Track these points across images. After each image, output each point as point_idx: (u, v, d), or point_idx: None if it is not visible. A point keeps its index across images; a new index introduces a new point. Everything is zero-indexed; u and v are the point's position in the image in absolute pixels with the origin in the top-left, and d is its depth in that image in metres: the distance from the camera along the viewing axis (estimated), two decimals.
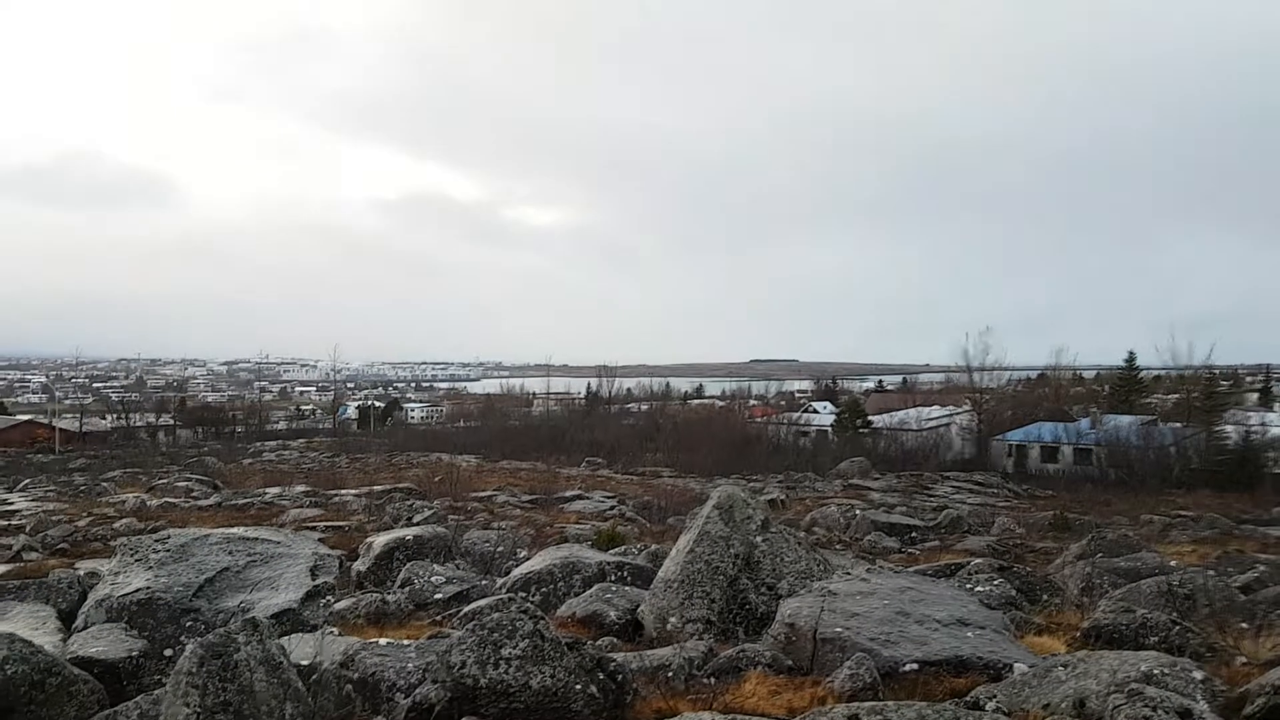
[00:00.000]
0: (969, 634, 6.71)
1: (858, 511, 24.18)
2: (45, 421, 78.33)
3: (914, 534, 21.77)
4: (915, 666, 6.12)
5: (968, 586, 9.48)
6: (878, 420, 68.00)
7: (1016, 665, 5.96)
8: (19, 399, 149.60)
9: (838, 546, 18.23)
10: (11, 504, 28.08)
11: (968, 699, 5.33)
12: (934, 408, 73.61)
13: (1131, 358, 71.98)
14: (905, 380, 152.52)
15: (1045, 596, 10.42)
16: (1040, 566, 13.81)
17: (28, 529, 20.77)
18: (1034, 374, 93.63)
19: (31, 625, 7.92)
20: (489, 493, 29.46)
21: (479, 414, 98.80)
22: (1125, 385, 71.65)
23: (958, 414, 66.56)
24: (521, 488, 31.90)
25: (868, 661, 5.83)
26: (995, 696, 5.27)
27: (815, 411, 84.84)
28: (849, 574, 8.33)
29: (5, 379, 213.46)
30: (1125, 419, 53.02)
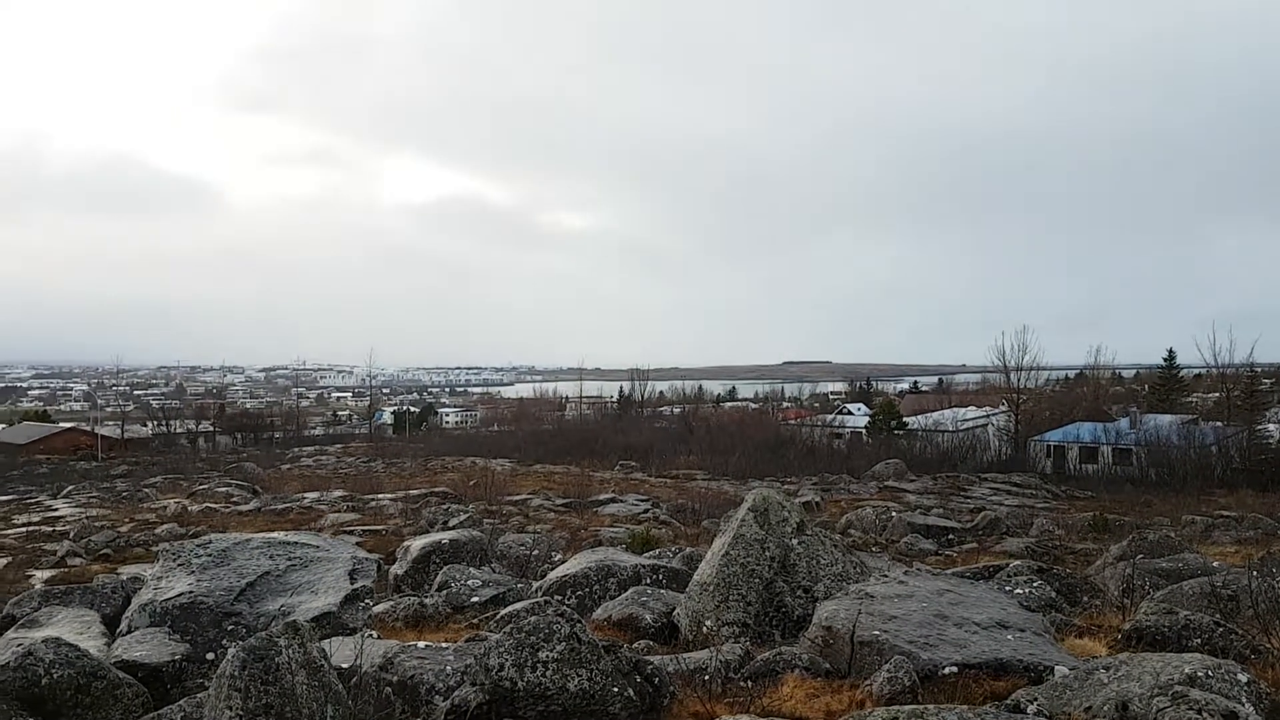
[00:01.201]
0: (1009, 636, 6.65)
1: (894, 513, 23.99)
2: (88, 429, 79.67)
3: (951, 536, 21.57)
4: (954, 669, 6.06)
5: (1007, 589, 9.37)
6: (913, 421, 67.54)
7: (1057, 668, 5.89)
8: (62, 407, 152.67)
9: (874, 549, 18.11)
10: (56, 510, 28.69)
11: (1008, 702, 5.28)
12: (970, 408, 73.03)
13: (1171, 356, 70.97)
14: (941, 381, 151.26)
15: (1085, 598, 10.28)
16: (1080, 568, 13.64)
17: (72, 535, 21.18)
18: (1072, 373, 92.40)
19: (77, 629, 8.05)
20: (523, 496, 29.60)
21: (512, 418, 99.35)
22: (1165, 384, 70.65)
23: (994, 414, 65.94)
24: (555, 491, 32.01)
25: (906, 664, 5.78)
26: (1036, 699, 5.21)
27: (849, 413, 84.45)
28: (886, 576, 8.27)
29: (48, 387, 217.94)
30: (1165, 418, 52.23)
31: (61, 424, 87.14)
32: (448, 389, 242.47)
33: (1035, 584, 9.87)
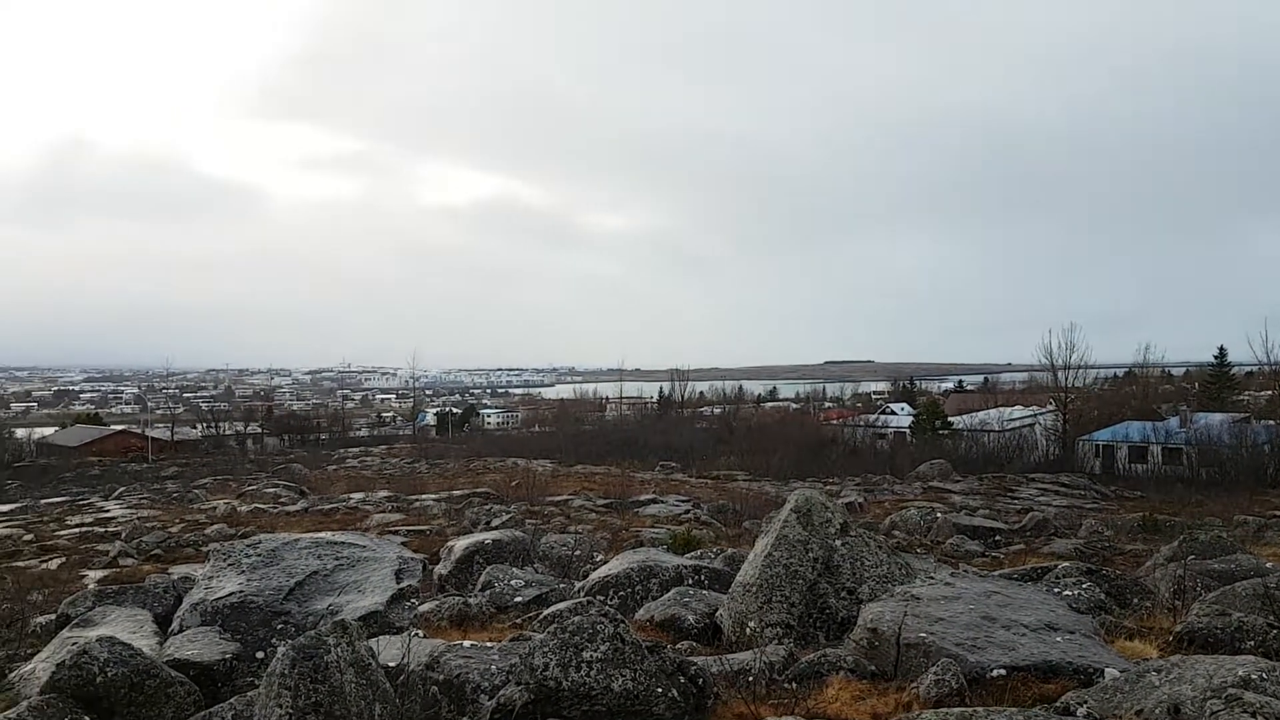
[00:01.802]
0: (1058, 639, 6.56)
1: (939, 514, 23.71)
2: (138, 431, 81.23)
3: (998, 537, 21.28)
4: (1003, 672, 6.00)
5: (1055, 590, 9.23)
6: (958, 421, 66.74)
7: (1107, 670, 5.81)
8: (113, 410, 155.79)
9: (918, 550, 17.93)
10: (108, 511, 29.27)
11: (1058, 704, 5.21)
12: (1016, 408, 72.00)
13: (1222, 353, 69.50)
14: (986, 380, 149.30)
15: (1135, 600, 10.09)
16: (1130, 569, 13.39)
17: (123, 535, 21.60)
18: (1120, 372, 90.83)
19: (130, 629, 8.21)
20: (564, 497, 29.68)
21: (553, 419, 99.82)
22: (1216, 382, 69.21)
23: (1042, 414, 64.93)
24: (596, 492, 32.06)
25: (954, 667, 5.72)
26: (1086, 702, 5.13)
27: (892, 413, 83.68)
28: (932, 578, 8.19)
29: (100, 390, 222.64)
30: (1216, 417, 51.14)
31: (113, 426, 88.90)
32: (489, 390, 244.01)
33: (1084, 586, 9.71)
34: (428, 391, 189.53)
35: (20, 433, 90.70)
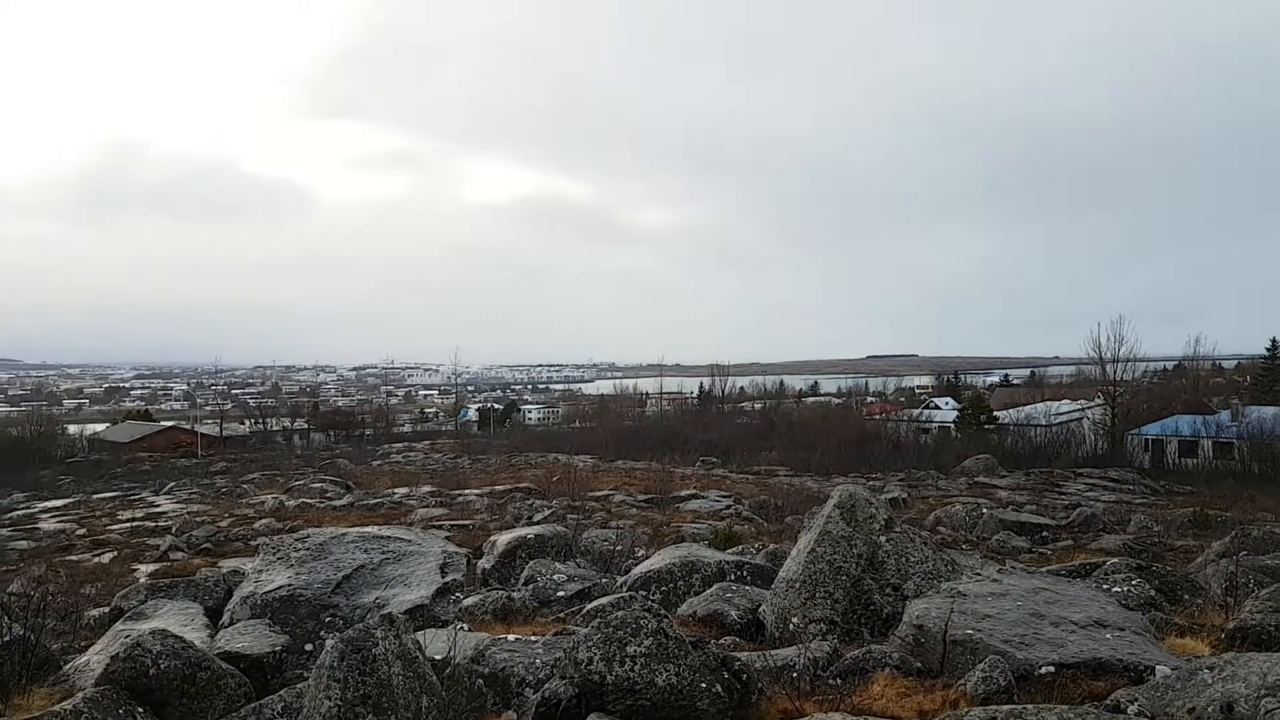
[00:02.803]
0: (1107, 636, 6.47)
1: (984, 510, 23.42)
2: (188, 427, 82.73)
3: (1045, 533, 20.97)
4: (1051, 669, 5.92)
5: (1104, 587, 9.08)
6: (1004, 416, 65.86)
7: (1158, 668, 5.72)
8: (163, 406, 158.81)
9: (964, 546, 17.73)
10: (158, 506, 29.86)
11: (1108, 702, 5.13)
12: (1064, 402, 71.04)
13: (1275, 346, 68.00)
14: (1033, 374, 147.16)
15: (1186, 597, 9.89)
16: (1180, 566, 13.13)
17: (174, 530, 22.02)
18: (1170, 365, 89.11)
19: (181, 622, 8.36)
20: (605, 492, 29.73)
21: (594, 414, 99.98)
22: (1268, 375, 67.74)
23: (1090, 408, 63.95)
24: (637, 487, 32.07)
25: (1001, 664, 5.66)
26: (1137, 700, 5.05)
27: (937, 408, 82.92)
28: (979, 574, 8.09)
29: (150, 387, 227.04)
30: (1269, 410, 49.99)
31: (163, 423, 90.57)
32: (530, 386, 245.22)
33: (1134, 582, 9.55)
34: (470, 387, 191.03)
35: (73, 429, 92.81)
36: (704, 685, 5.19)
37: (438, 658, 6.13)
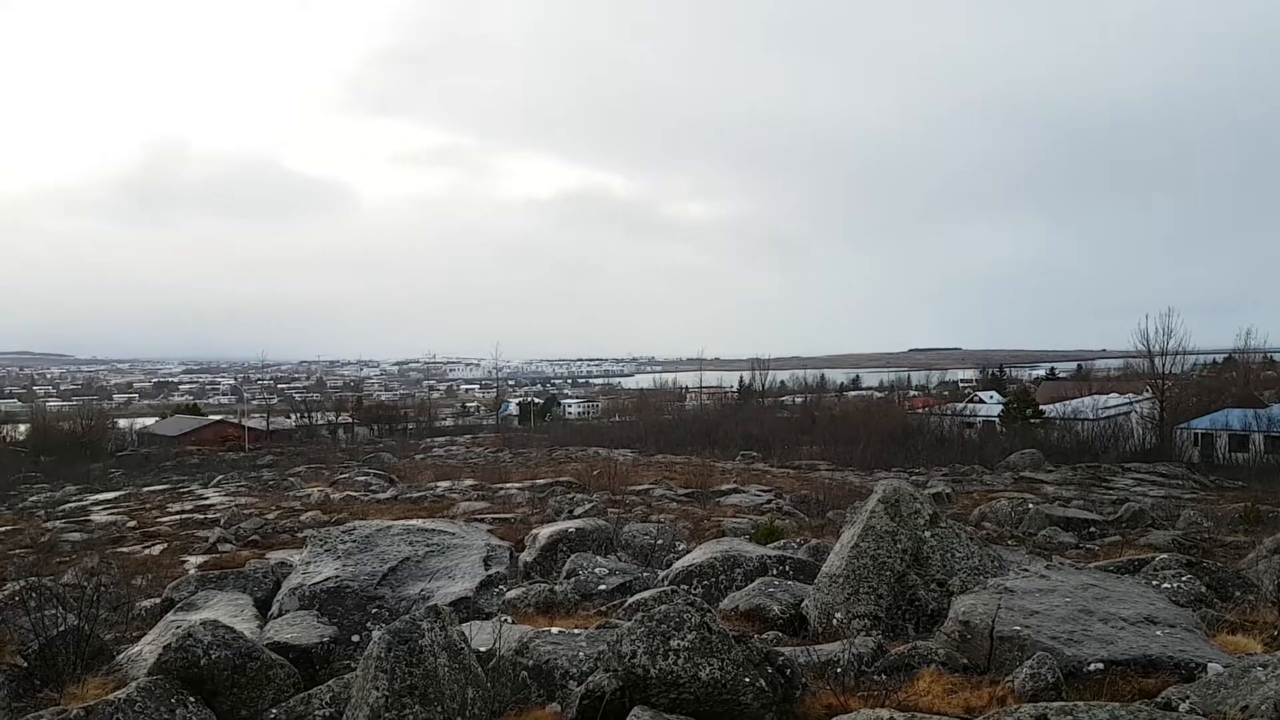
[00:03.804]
0: (1157, 632, 6.37)
1: (1030, 505, 23.11)
2: (235, 421, 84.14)
3: (1092, 529, 20.66)
4: (1100, 666, 5.85)
5: (1153, 583, 8.94)
6: (1050, 409, 64.86)
7: (1210, 665, 5.63)
8: (210, 400, 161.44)
9: (1010, 542, 17.52)
10: (207, 499, 30.37)
11: (1159, 700, 5.04)
12: (1111, 395, 69.77)
13: None
14: (1079, 367, 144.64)
15: (1237, 593, 9.72)
16: (1231, 562, 12.88)
17: (222, 522, 22.40)
18: (1220, 358, 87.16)
19: (231, 612, 8.48)
20: (645, 486, 29.78)
21: (633, 409, 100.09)
22: None
23: (1138, 402, 62.79)
24: (677, 481, 32.06)
25: (1050, 660, 5.59)
26: (1188, 698, 4.96)
27: (981, 401, 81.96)
28: (1026, 571, 7.99)
29: (198, 382, 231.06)
30: None
31: (211, 417, 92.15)
32: (570, 380, 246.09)
33: (1184, 578, 9.39)
34: (510, 382, 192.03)
35: (123, 423, 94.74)
36: (748, 680, 5.18)
37: (482, 650, 6.18)
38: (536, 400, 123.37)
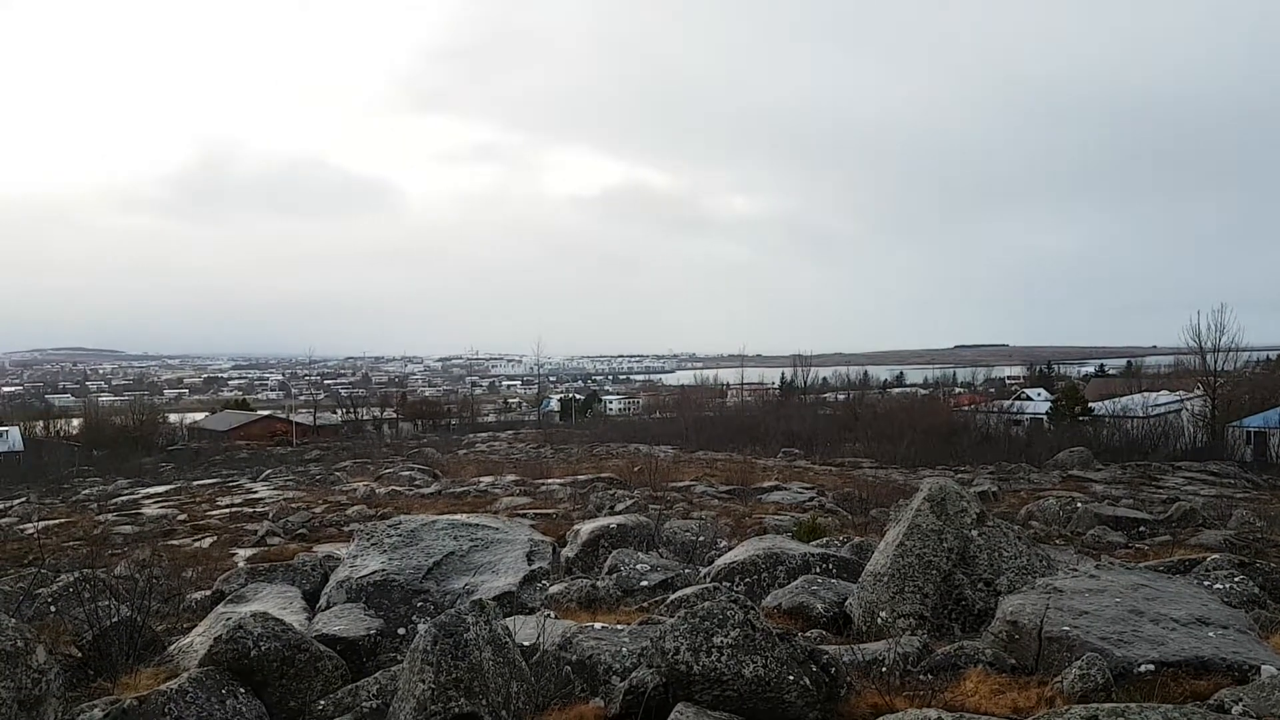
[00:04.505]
0: (1210, 634, 6.25)
1: (1079, 504, 22.74)
2: (283, 416, 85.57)
3: (1142, 528, 20.28)
4: (1151, 667, 5.74)
5: (1205, 584, 8.76)
6: (1098, 407, 63.84)
7: (1264, 667, 5.50)
8: (259, 396, 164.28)
9: (1057, 541, 17.26)
10: (255, 492, 30.81)
11: (1211, 702, 4.94)
12: (1162, 393, 68.51)
13: None
14: (1129, 364, 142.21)
15: None
16: None
17: (270, 515, 22.71)
18: (1274, 354, 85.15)
19: (280, 605, 8.62)
20: (686, 483, 29.71)
21: (674, 405, 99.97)
22: None
23: (1189, 399, 61.56)
24: (718, 478, 31.95)
25: (1099, 661, 5.50)
26: (1241, 700, 4.86)
27: (1028, 399, 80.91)
28: (1075, 570, 7.87)
29: (247, 378, 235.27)
30: None
31: (259, 412, 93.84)
32: (610, 376, 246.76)
33: (1236, 579, 9.19)
34: (551, 378, 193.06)
35: (173, 418, 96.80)
36: (792, 678, 5.16)
37: (526, 644, 6.22)
38: (578, 396, 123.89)
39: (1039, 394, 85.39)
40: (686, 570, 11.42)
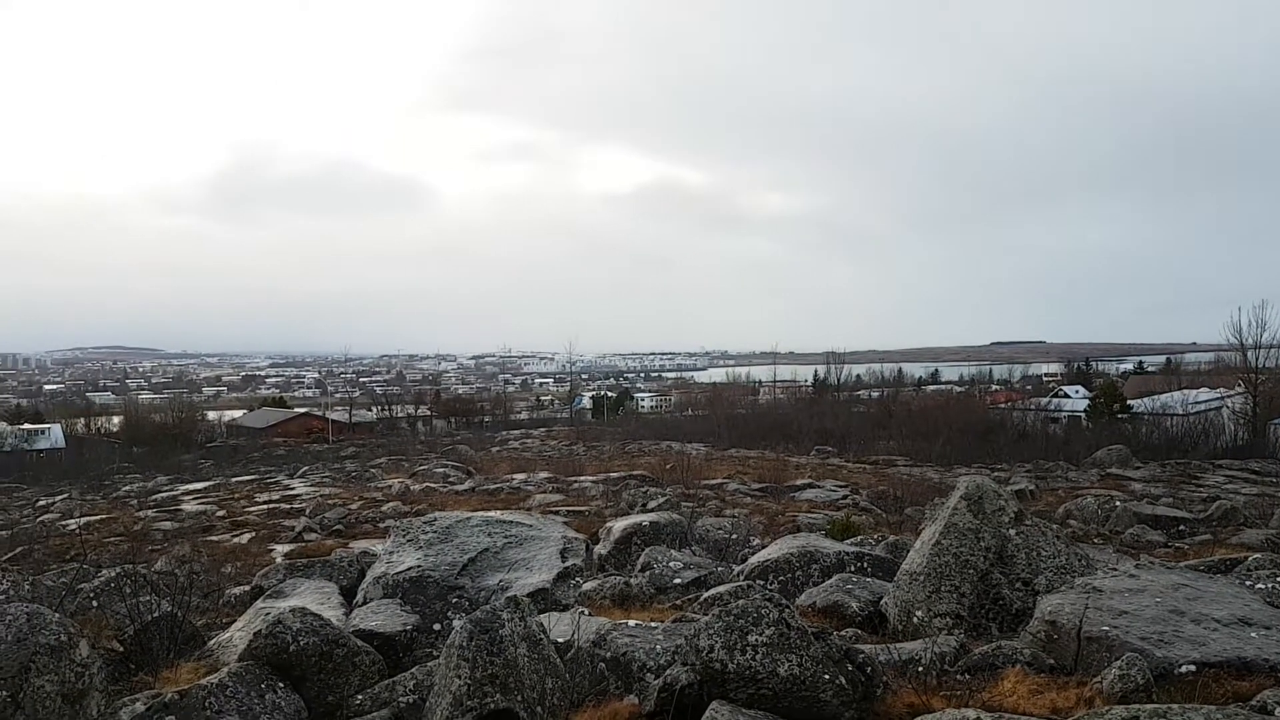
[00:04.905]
0: (1252, 634, 6.15)
1: (1117, 503, 22.44)
2: (319, 414, 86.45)
3: (1182, 527, 19.96)
4: (1192, 668, 5.66)
5: (1247, 583, 8.60)
6: (1137, 404, 62.96)
7: None
8: (295, 393, 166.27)
9: (1095, 540, 17.04)
10: (293, 489, 31.14)
11: (1254, 703, 4.87)
12: (1202, 390, 67.52)
13: None
14: (1169, 361, 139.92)
15: None
16: None
17: (307, 512, 22.95)
18: None
19: (318, 600, 8.71)
20: (719, 481, 29.63)
21: (706, 403, 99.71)
22: None
23: (1230, 396, 60.58)
24: (750, 476, 31.83)
25: (1140, 661, 5.43)
26: None
27: (1066, 396, 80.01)
28: (1114, 570, 7.77)
29: (283, 375, 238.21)
30: None
31: (296, 409, 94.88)
32: (642, 374, 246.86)
33: (1279, 579, 9.03)
34: (583, 375, 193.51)
35: (212, 415, 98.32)
36: (827, 677, 5.14)
37: (560, 640, 6.25)
38: (609, 394, 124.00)
39: (1077, 391, 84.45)
40: (719, 568, 11.40)
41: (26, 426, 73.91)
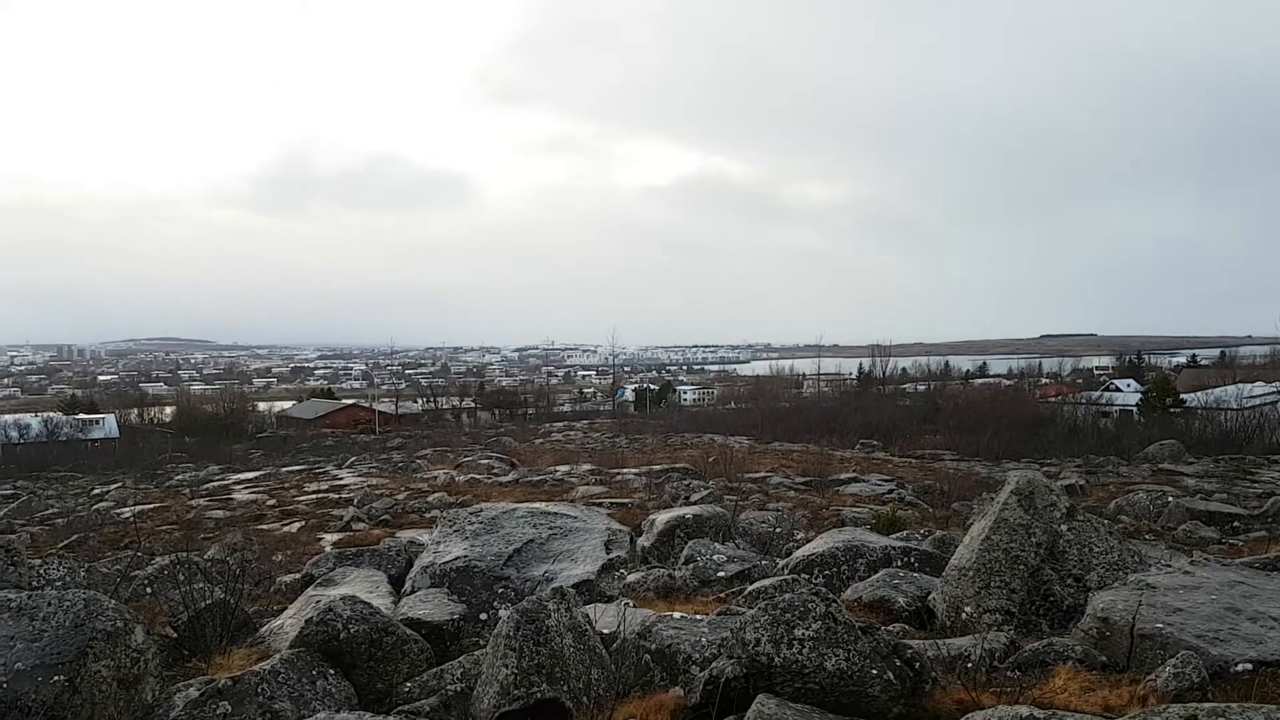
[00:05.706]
0: None
1: (1170, 498, 21.99)
2: (366, 405, 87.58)
3: (1236, 523, 19.51)
4: (1249, 666, 5.54)
5: None
6: (1191, 399, 61.57)
7: None
8: (343, 385, 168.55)
9: (1147, 536, 16.72)
10: (341, 479, 31.57)
11: None
12: (1258, 384, 65.93)
13: None
14: (1223, 354, 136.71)
15: None
16: None
17: (355, 501, 23.26)
18: None
19: (368, 589, 8.83)
20: (762, 474, 29.51)
21: (749, 396, 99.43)
22: None
23: None
24: (794, 469, 31.65)
25: (1195, 659, 5.32)
26: None
27: (1118, 390, 78.55)
28: (1169, 566, 7.62)
29: (331, 367, 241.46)
30: None
31: (344, 400, 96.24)
32: (685, 367, 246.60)
33: None
34: (626, 368, 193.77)
35: (262, 406, 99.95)
36: (875, 672, 5.10)
37: (606, 631, 6.27)
38: (652, 386, 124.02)
39: (1128, 385, 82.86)
40: (763, 561, 11.36)
41: (82, 416, 75.79)
